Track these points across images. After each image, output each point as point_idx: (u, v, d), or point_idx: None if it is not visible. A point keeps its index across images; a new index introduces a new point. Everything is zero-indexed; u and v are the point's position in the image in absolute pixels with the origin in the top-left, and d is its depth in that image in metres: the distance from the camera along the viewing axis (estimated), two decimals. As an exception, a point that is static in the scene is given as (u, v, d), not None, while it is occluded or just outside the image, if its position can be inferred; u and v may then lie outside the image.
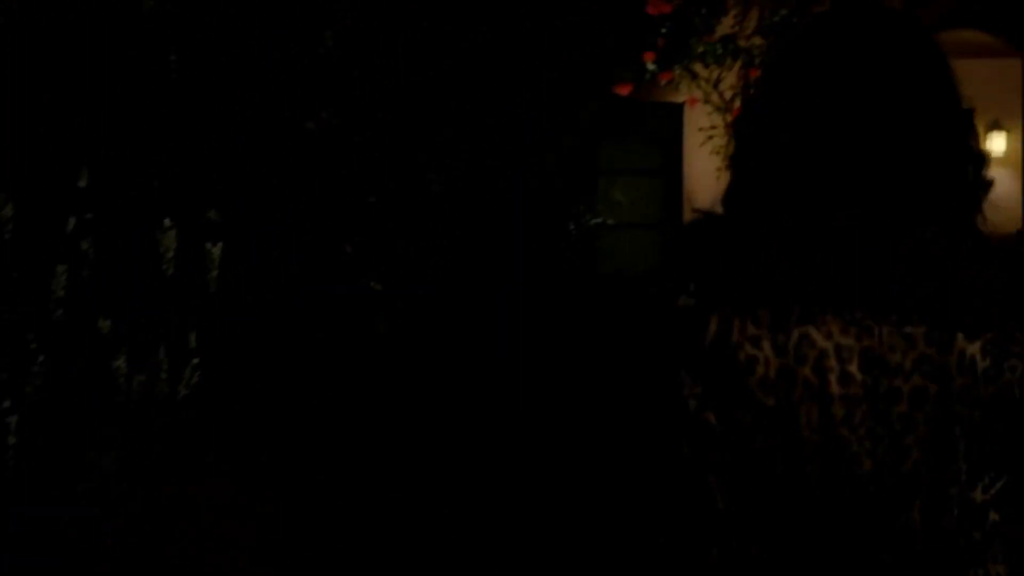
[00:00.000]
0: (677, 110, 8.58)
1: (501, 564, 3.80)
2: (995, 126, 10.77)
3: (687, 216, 8.68)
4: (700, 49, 8.19)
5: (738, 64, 8.36)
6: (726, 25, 8.38)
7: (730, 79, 8.44)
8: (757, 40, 8.37)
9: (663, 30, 8.06)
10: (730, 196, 1.11)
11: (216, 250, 4.60)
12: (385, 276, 5.15)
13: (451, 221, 5.72)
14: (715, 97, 8.39)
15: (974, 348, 1.00)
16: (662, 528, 1.09)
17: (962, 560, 1.02)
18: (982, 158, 1.11)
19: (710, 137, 8.41)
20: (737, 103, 8.44)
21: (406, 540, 3.94)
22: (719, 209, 1.12)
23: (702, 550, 1.06)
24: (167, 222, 4.41)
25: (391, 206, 5.42)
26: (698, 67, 8.31)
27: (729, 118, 8.39)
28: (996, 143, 10.80)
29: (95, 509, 3.81)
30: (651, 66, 8.07)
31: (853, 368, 1.01)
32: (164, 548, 3.71)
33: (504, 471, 4.63)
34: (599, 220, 7.02)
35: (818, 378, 1.01)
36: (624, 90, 7.98)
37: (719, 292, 1.05)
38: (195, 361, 4.41)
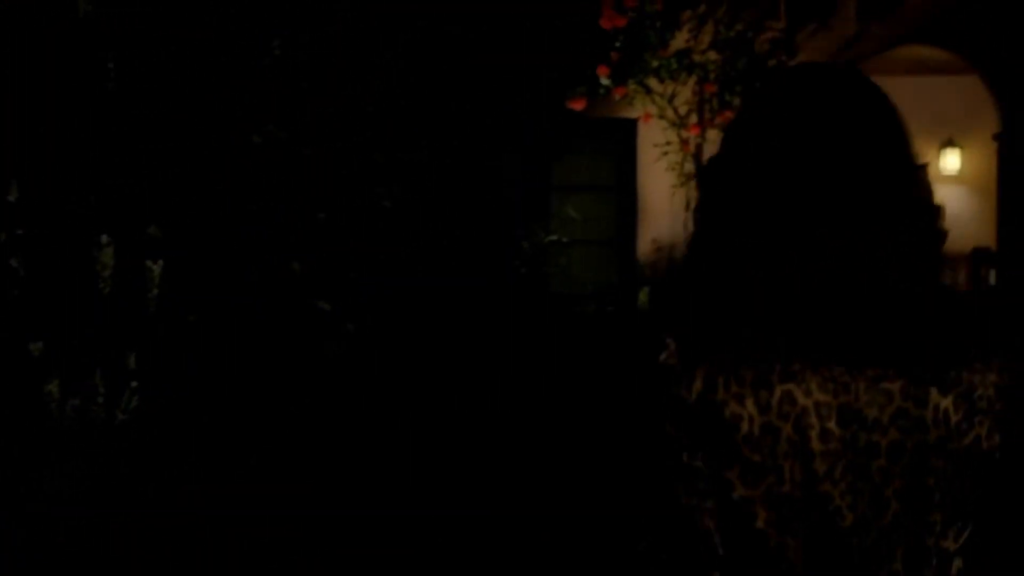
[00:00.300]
0: (631, 126, 8.63)
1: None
2: (949, 144, 10.96)
3: (641, 233, 8.70)
4: (655, 64, 8.23)
5: (693, 79, 8.42)
6: (680, 40, 8.42)
7: (685, 94, 8.49)
8: (712, 55, 8.44)
9: (617, 44, 8.10)
10: (698, 248, 1.16)
11: (156, 267, 4.50)
12: (335, 296, 5.09)
13: (404, 237, 5.68)
14: (670, 113, 8.43)
15: (947, 402, 1.06)
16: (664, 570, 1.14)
17: None
18: (937, 210, 1.15)
19: (665, 153, 8.45)
20: (692, 119, 8.50)
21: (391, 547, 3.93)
22: (678, 236, 1.12)
23: None
24: (104, 238, 4.32)
25: (346, 220, 5.37)
26: (652, 82, 8.34)
27: (684, 134, 8.44)
28: (950, 161, 10.98)
29: (85, 510, 3.72)
30: (605, 81, 8.08)
31: (832, 424, 1.06)
32: (154, 548, 3.66)
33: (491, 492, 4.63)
34: (553, 237, 7.01)
35: (799, 435, 1.06)
36: (578, 105, 7.99)
37: (701, 350, 1.10)
38: (134, 384, 4.31)
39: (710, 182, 1.18)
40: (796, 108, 1.12)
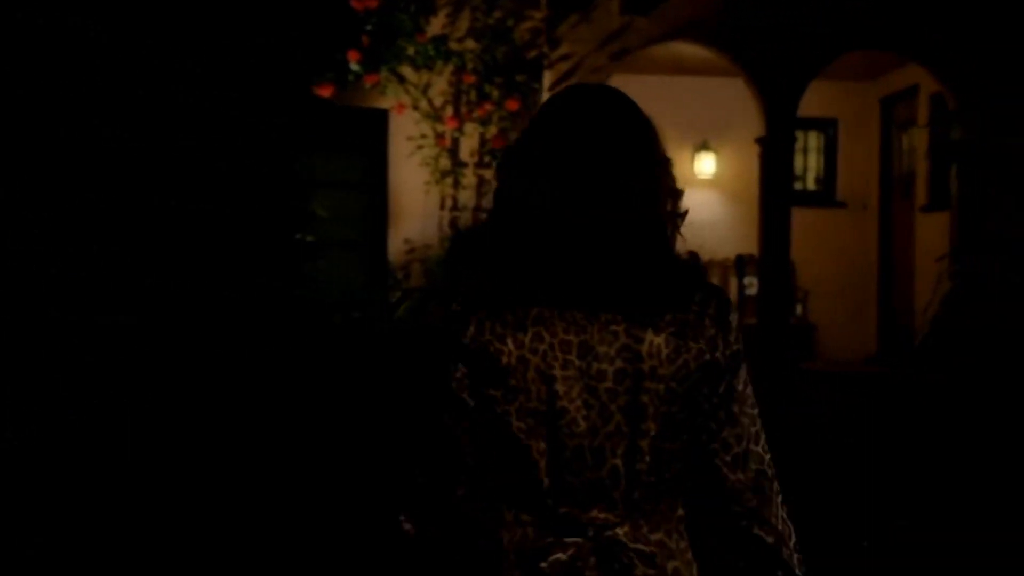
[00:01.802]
0: (383, 116, 8.73)
1: None
2: (704, 147, 11.72)
3: (393, 234, 8.86)
4: (410, 50, 8.42)
5: (449, 69, 8.66)
6: (436, 25, 8.65)
7: (440, 85, 8.70)
8: (470, 43, 8.70)
9: (368, 27, 8.22)
10: (493, 221, 1.65)
11: None
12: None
13: (133, 239, 5.53)
14: (424, 104, 8.64)
15: (660, 339, 1.57)
16: (423, 471, 1.63)
17: (659, 493, 1.60)
18: (678, 193, 1.63)
19: (419, 147, 8.64)
20: (448, 111, 8.76)
21: None
22: (432, 238, 1.42)
23: (454, 492, 1.61)
24: None
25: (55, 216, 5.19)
26: (407, 70, 8.52)
27: (440, 127, 8.68)
28: (705, 165, 11.76)
29: None
30: (355, 66, 8.17)
31: (572, 356, 1.56)
32: None
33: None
34: (310, 238, 7.02)
35: (545, 364, 1.55)
36: (325, 91, 8.04)
37: (478, 301, 1.58)
38: None
39: (503, 171, 1.66)
40: (571, 117, 1.61)
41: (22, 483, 4.56)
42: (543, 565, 1.56)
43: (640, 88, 12.29)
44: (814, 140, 12.20)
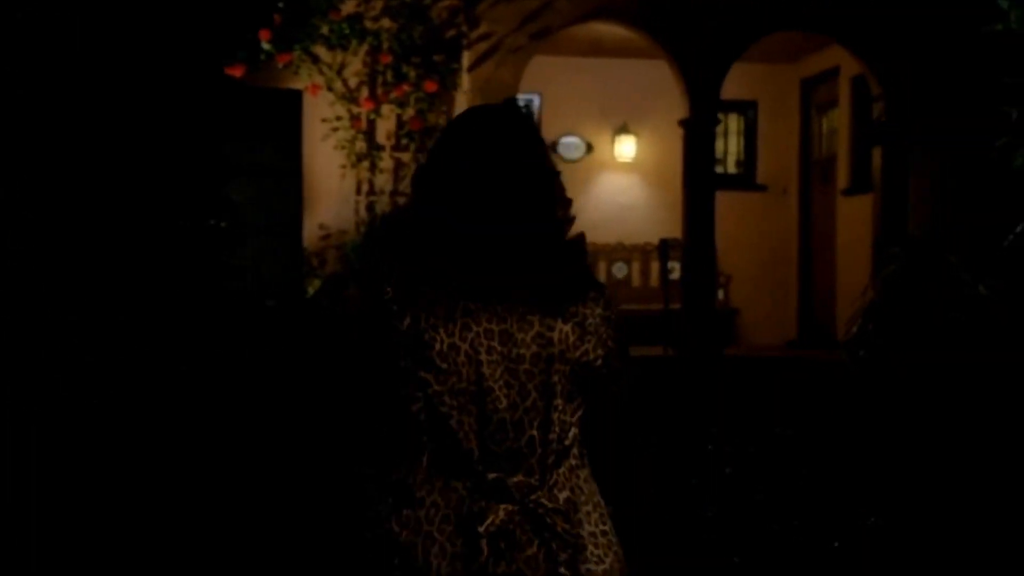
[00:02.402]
0: (296, 98, 8.65)
1: None
2: (623, 130, 11.81)
3: (307, 219, 8.79)
4: (324, 29, 8.34)
5: (364, 48, 8.61)
6: (351, 4, 8.56)
7: (355, 65, 8.63)
8: (386, 22, 8.65)
9: (280, 4, 8.13)
10: (415, 221, 1.96)
11: None
12: None
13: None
14: (339, 85, 8.57)
15: (567, 328, 1.92)
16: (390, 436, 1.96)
17: (563, 458, 1.94)
18: (567, 202, 1.97)
19: (335, 129, 8.58)
20: (364, 93, 8.70)
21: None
22: (349, 223, 1.53)
23: (416, 453, 1.93)
24: None
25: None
26: (321, 50, 8.45)
27: (356, 109, 8.63)
28: (625, 148, 11.84)
29: None
30: (267, 46, 8.06)
31: (495, 343, 1.89)
32: None
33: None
34: (213, 224, 6.92)
35: (473, 350, 1.88)
36: (236, 72, 7.94)
37: (410, 295, 1.90)
38: None
39: (419, 186, 1.98)
40: (475, 139, 1.93)
41: (22, 483, 4.50)
42: (480, 529, 1.87)
43: (560, 70, 12.28)
44: (734, 123, 12.33)
